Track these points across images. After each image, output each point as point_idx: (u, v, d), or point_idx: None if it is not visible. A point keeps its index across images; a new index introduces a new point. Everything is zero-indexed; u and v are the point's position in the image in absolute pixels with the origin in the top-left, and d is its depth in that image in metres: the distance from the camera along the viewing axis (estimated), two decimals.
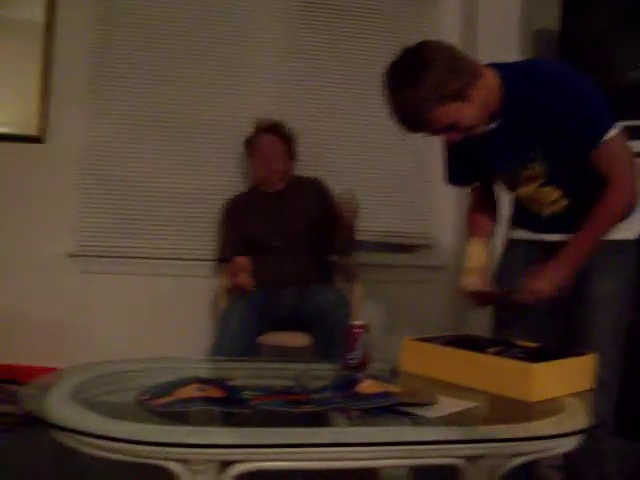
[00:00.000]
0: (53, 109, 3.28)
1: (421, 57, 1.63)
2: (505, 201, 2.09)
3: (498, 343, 1.77)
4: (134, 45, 3.36)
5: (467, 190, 2.17)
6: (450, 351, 1.72)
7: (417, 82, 1.60)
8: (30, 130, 3.25)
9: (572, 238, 1.75)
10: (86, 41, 3.31)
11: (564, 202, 1.85)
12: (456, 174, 2.08)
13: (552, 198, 1.87)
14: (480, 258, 1.99)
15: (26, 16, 3.28)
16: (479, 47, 3.36)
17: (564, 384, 1.58)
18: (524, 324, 1.94)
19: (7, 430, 2.82)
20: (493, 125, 1.79)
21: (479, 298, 1.95)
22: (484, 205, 2.09)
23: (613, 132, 1.68)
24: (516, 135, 1.79)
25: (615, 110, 1.70)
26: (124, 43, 3.35)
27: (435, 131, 1.71)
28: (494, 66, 1.76)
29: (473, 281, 1.94)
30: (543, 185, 1.85)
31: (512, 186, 1.96)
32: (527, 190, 1.90)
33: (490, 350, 1.69)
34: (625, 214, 1.76)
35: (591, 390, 1.62)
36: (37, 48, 3.26)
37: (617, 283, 1.82)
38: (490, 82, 1.72)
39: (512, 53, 3.42)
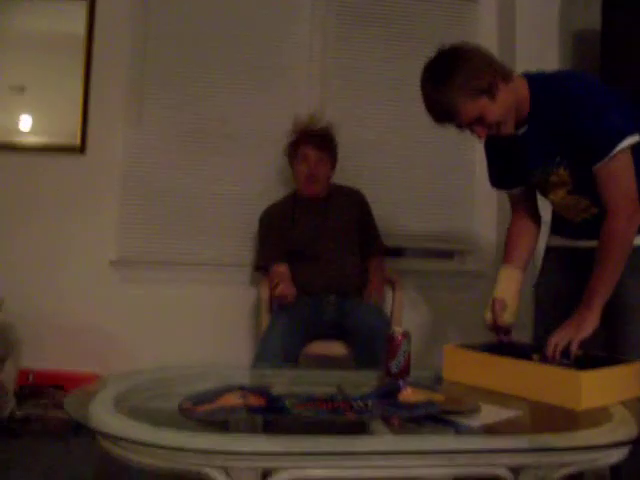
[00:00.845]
0: (93, 120, 3.33)
1: (454, 54, 1.75)
2: (546, 207, 2.06)
3: (541, 350, 1.74)
4: (171, 55, 3.39)
5: (507, 194, 2.14)
6: (494, 358, 1.69)
7: (449, 75, 1.70)
8: (72, 141, 3.31)
9: (589, 285, 1.71)
10: (125, 53, 3.36)
11: (594, 209, 1.86)
12: (496, 178, 2.10)
13: (581, 206, 1.88)
14: (508, 288, 1.95)
15: (67, 30, 3.35)
16: (517, 50, 3.33)
17: (612, 392, 1.55)
18: None
19: (53, 436, 2.87)
20: (522, 130, 1.85)
21: (497, 331, 1.93)
22: (524, 230, 2.06)
23: (624, 146, 1.68)
24: (541, 141, 1.83)
25: None
26: (161, 54, 3.39)
27: (462, 124, 1.77)
28: (527, 76, 1.83)
29: (490, 315, 1.91)
30: (571, 193, 1.87)
31: (543, 192, 1.98)
32: (557, 197, 1.93)
33: (534, 357, 1.66)
34: (633, 235, 1.72)
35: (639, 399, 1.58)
36: (78, 61, 3.32)
37: None
38: (521, 89, 1.80)
39: (551, 55, 3.39)
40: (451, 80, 1.69)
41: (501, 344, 1.87)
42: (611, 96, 1.75)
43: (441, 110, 1.74)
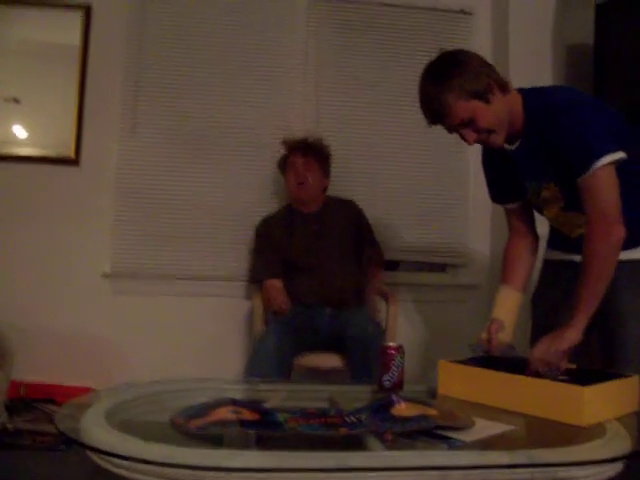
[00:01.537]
0: (88, 131, 3.34)
1: (455, 57, 1.77)
2: (544, 220, 2.06)
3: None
4: (166, 65, 3.41)
5: (505, 210, 2.14)
6: (490, 373, 1.68)
7: (446, 75, 1.72)
8: (66, 152, 3.31)
9: (573, 302, 1.70)
10: (120, 64, 3.37)
11: None
12: (494, 192, 2.11)
13: (576, 222, 1.88)
14: (504, 309, 1.95)
15: (62, 40, 3.36)
16: (510, 62, 3.35)
17: (612, 407, 1.54)
18: None
19: (45, 449, 2.84)
20: (516, 145, 1.86)
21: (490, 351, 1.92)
22: (521, 251, 2.05)
23: (604, 162, 1.67)
24: (532, 155, 1.84)
25: None
26: (156, 65, 3.41)
27: (452, 124, 1.77)
28: (522, 91, 1.84)
29: (486, 335, 1.91)
30: (564, 210, 1.88)
31: (538, 209, 2.00)
32: (551, 213, 1.94)
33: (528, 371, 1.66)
34: (611, 251, 1.70)
35: (637, 413, 1.58)
36: (73, 72, 3.32)
37: None
38: (515, 104, 1.81)
39: (545, 68, 3.41)
40: (448, 79, 1.71)
41: (494, 359, 1.86)
42: (598, 112, 1.74)
43: (434, 107, 1.74)
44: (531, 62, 3.35)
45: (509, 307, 1.96)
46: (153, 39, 3.40)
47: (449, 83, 1.71)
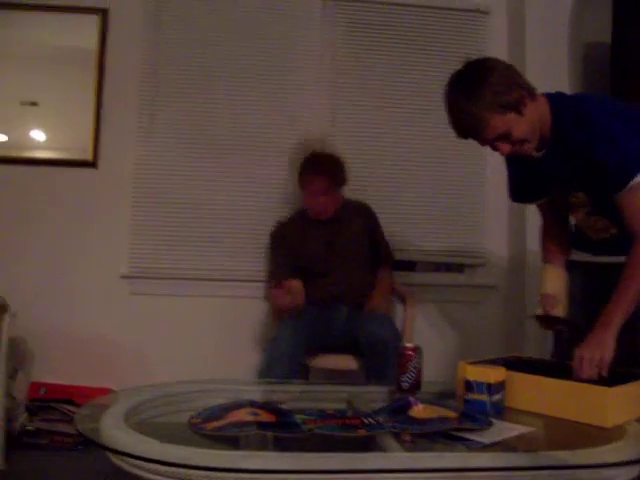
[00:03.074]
0: (105, 134, 3.36)
1: (483, 67, 1.73)
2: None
3: (557, 366, 1.72)
4: (183, 68, 3.42)
5: (532, 207, 2.17)
6: (511, 374, 1.65)
7: (478, 89, 1.68)
8: (84, 155, 3.33)
9: (609, 303, 1.69)
10: (137, 67, 3.38)
11: (613, 230, 1.87)
12: (517, 193, 2.12)
13: (601, 226, 1.89)
14: (554, 284, 1.97)
15: (79, 44, 3.37)
16: (527, 62, 3.32)
17: (635, 408, 1.51)
18: None
19: (64, 449, 2.87)
20: (543, 152, 1.84)
21: (547, 323, 1.93)
22: (556, 231, 2.09)
23: (637, 180, 1.66)
24: (561, 164, 1.83)
25: None
26: (173, 67, 3.41)
27: (487, 139, 1.74)
28: (548, 96, 1.81)
29: (542, 307, 1.93)
30: (590, 214, 1.89)
31: (564, 210, 2.01)
32: (577, 217, 1.95)
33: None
34: None
35: None
36: (90, 75, 3.34)
37: None
38: (542, 107, 1.78)
39: (561, 67, 3.38)
40: (482, 94, 1.67)
41: (523, 360, 1.84)
42: (631, 123, 1.73)
43: (469, 124, 1.71)
44: (548, 61, 3.32)
45: (557, 283, 1.97)
46: (169, 42, 3.41)
47: (483, 98, 1.66)
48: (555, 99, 1.80)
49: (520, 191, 2.09)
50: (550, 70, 3.24)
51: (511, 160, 2.05)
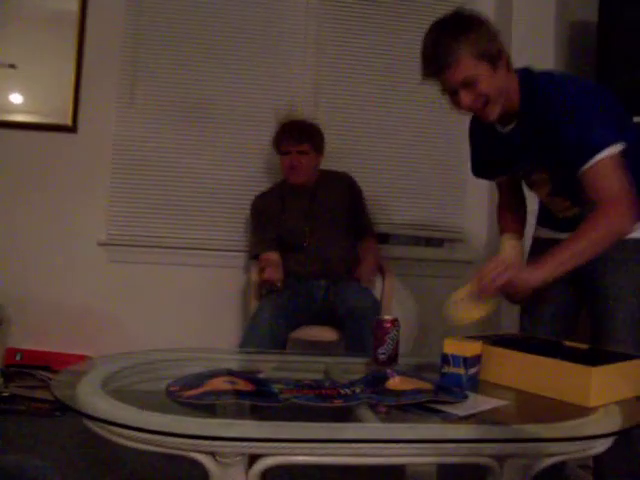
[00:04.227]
0: (85, 99, 3.31)
1: (471, 14, 1.72)
2: (533, 197, 2.08)
3: (545, 342, 1.74)
4: (165, 35, 3.37)
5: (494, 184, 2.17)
6: (495, 350, 1.64)
7: (462, 28, 1.67)
8: (63, 120, 3.29)
9: (560, 246, 1.69)
10: (118, 31, 3.33)
11: (576, 210, 1.88)
12: (479, 168, 2.13)
13: (563, 206, 1.91)
14: (511, 252, 1.98)
15: (59, 7, 3.31)
16: (513, 39, 3.31)
17: (620, 389, 1.50)
18: (547, 321, 1.98)
19: (40, 415, 2.86)
20: (509, 127, 1.84)
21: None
22: (513, 204, 2.11)
23: (606, 153, 1.65)
24: (527, 142, 1.82)
25: None
26: (155, 33, 3.37)
27: (452, 82, 1.70)
28: (518, 72, 1.79)
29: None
30: (553, 194, 1.90)
31: (528, 186, 2.02)
32: (540, 195, 1.97)
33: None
34: (612, 238, 1.68)
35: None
36: (70, 38, 3.29)
37: (634, 279, 1.81)
38: (513, 82, 1.77)
39: (548, 45, 3.38)
40: (465, 32, 1.66)
41: (504, 336, 1.84)
42: (599, 102, 1.71)
43: (440, 54, 1.67)
44: (534, 39, 3.32)
45: (514, 251, 1.98)
46: (152, 7, 3.36)
47: (465, 36, 1.65)
48: (524, 75, 1.78)
49: (482, 166, 2.10)
50: (537, 49, 3.24)
51: (475, 134, 2.05)
